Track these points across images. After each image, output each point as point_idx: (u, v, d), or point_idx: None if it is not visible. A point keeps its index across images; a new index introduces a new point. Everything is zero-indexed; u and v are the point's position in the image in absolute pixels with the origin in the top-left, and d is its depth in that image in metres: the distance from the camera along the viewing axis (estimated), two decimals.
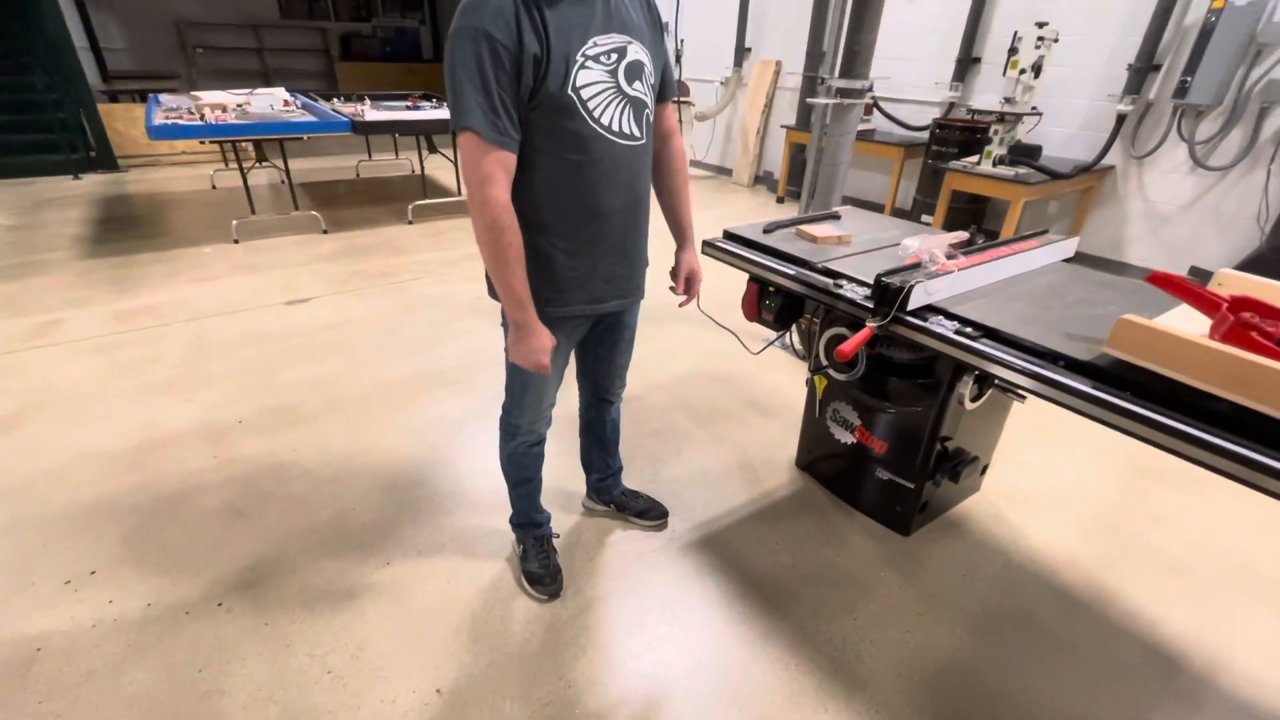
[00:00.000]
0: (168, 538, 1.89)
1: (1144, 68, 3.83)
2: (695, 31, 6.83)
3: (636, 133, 1.25)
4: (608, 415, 1.77)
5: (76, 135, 6.10)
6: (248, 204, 4.75)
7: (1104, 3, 4.00)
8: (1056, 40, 3.61)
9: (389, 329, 3.26)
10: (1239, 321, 1.10)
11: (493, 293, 1.42)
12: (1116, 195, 4.24)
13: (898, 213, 5.37)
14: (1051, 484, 2.24)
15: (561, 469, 2.13)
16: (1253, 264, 3.61)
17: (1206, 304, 1.20)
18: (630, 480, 2.08)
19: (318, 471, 2.19)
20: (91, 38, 8.76)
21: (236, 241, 4.42)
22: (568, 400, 1.72)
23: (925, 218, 4.64)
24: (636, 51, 1.21)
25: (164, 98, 5.26)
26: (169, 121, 4.06)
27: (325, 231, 4.72)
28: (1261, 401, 0.98)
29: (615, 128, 1.21)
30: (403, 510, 2.02)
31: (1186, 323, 1.25)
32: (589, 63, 1.15)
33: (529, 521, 1.74)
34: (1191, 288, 1.22)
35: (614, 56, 1.18)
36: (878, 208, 5.57)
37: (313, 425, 2.45)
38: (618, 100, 1.20)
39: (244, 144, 4.96)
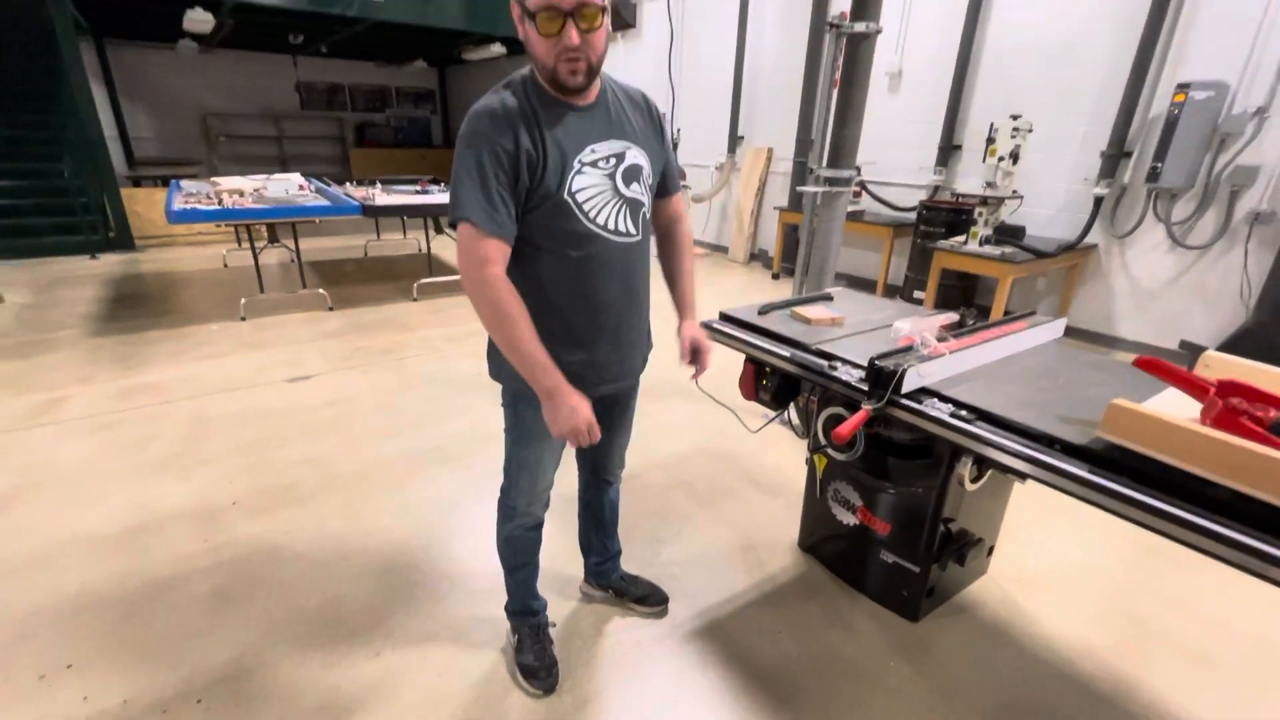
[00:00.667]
0: (150, 627, 1.83)
1: (1116, 154, 4.05)
2: (691, 120, 7.25)
3: (633, 230, 1.32)
4: (606, 496, 1.75)
5: (98, 218, 6.35)
6: (257, 282, 4.88)
7: (1072, 96, 4.27)
8: (1031, 130, 3.83)
9: (389, 405, 3.28)
10: (1228, 407, 1.12)
11: (493, 371, 1.45)
12: (1101, 272, 4.37)
13: (890, 289, 5.51)
14: (1060, 565, 2.19)
15: (559, 551, 2.09)
16: (1241, 339, 3.68)
17: (1195, 388, 1.22)
18: (629, 563, 2.03)
19: (310, 554, 2.14)
20: (121, 127, 9.29)
21: (243, 319, 4.51)
22: (566, 480, 1.71)
23: (917, 294, 4.76)
24: (635, 156, 1.29)
25: (185, 183, 5.51)
26: (188, 206, 4.24)
27: (331, 309, 4.82)
28: (1259, 488, 0.98)
29: (611, 226, 1.28)
30: (395, 596, 1.97)
31: (1177, 406, 1.27)
32: (585, 168, 1.23)
33: (525, 609, 1.69)
34: (1179, 373, 1.24)
35: (612, 161, 1.26)
36: (870, 283, 5.72)
37: (308, 505, 2.42)
38: (614, 201, 1.27)
39: (257, 225, 5.15)
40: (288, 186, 5.25)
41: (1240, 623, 1.94)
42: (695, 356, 1.54)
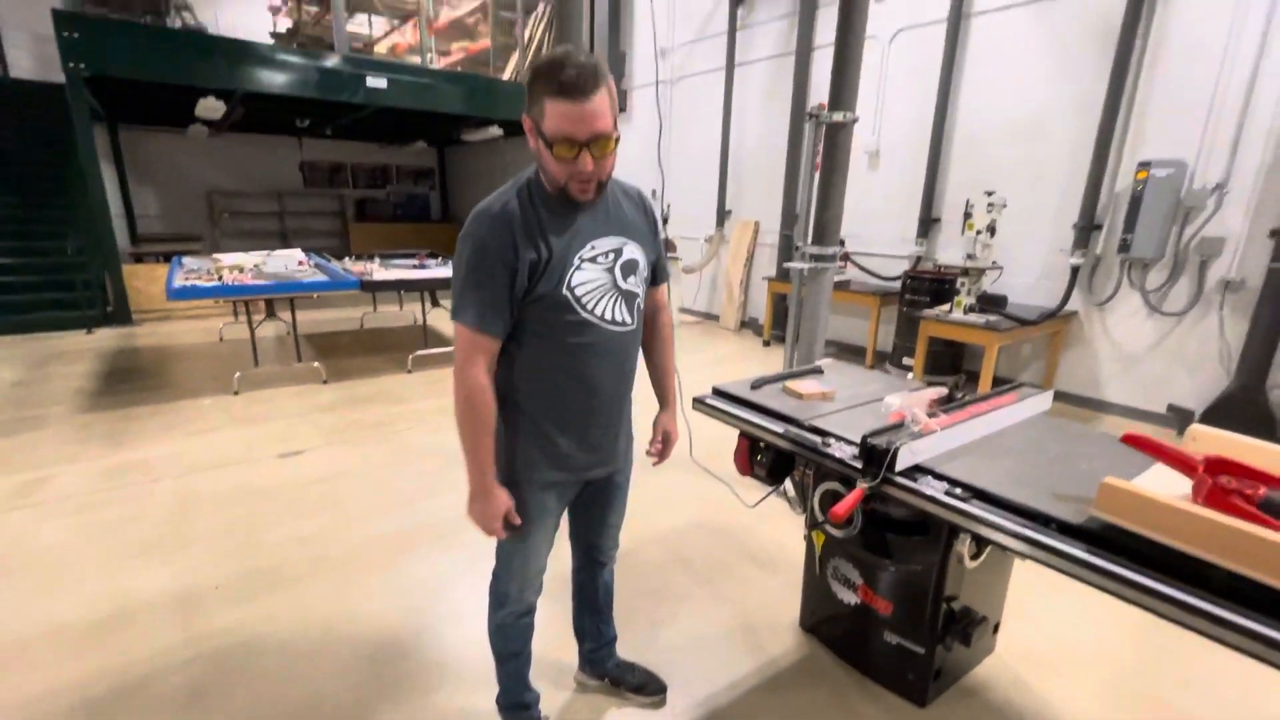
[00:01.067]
0: None
1: (1087, 226, 4.23)
2: (680, 195, 7.54)
3: (628, 319, 1.36)
4: (600, 578, 1.71)
5: (97, 294, 6.43)
6: (252, 356, 4.90)
7: (1041, 173, 4.51)
8: (1005, 205, 4.01)
9: (380, 480, 3.23)
10: (1218, 485, 1.13)
11: None
12: (1084, 338, 4.47)
13: (879, 355, 5.59)
14: (1070, 642, 2.13)
15: (553, 636, 2.01)
16: (1225, 403, 3.74)
17: (1183, 465, 1.24)
18: (625, 647, 1.96)
19: (294, 643, 2.06)
20: (128, 205, 9.56)
21: (236, 393, 4.50)
22: (559, 560, 1.67)
23: (906, 360, 4.83)
24: (633, 250, 1.35)
25: (187, 260, 5.63)
26: (188, 284, 4.32)
27: (325, 382, 4.83)
28: (1253, 569, 0.98)
29: (609, 317, 1.32)
30: (383, 687, 1.88)
31: (1167, 481, 1.29)
32: (584, 264, 1.28)
33: (517, 703, 1.62)
34: (1166, 450, 1.26)
35: (611, 256, 1.32)
36: (860, 349, 5.81)
37: (293, 590, 2.34)
38: (612, 294, 1.32)
39: (255, 300, 5.23)
40: (287, 262, 5.36)
41: (1259, 703, 1.88)
42: (662, 445, 1.64)
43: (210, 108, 6.87)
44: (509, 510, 1.33)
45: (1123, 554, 1.13)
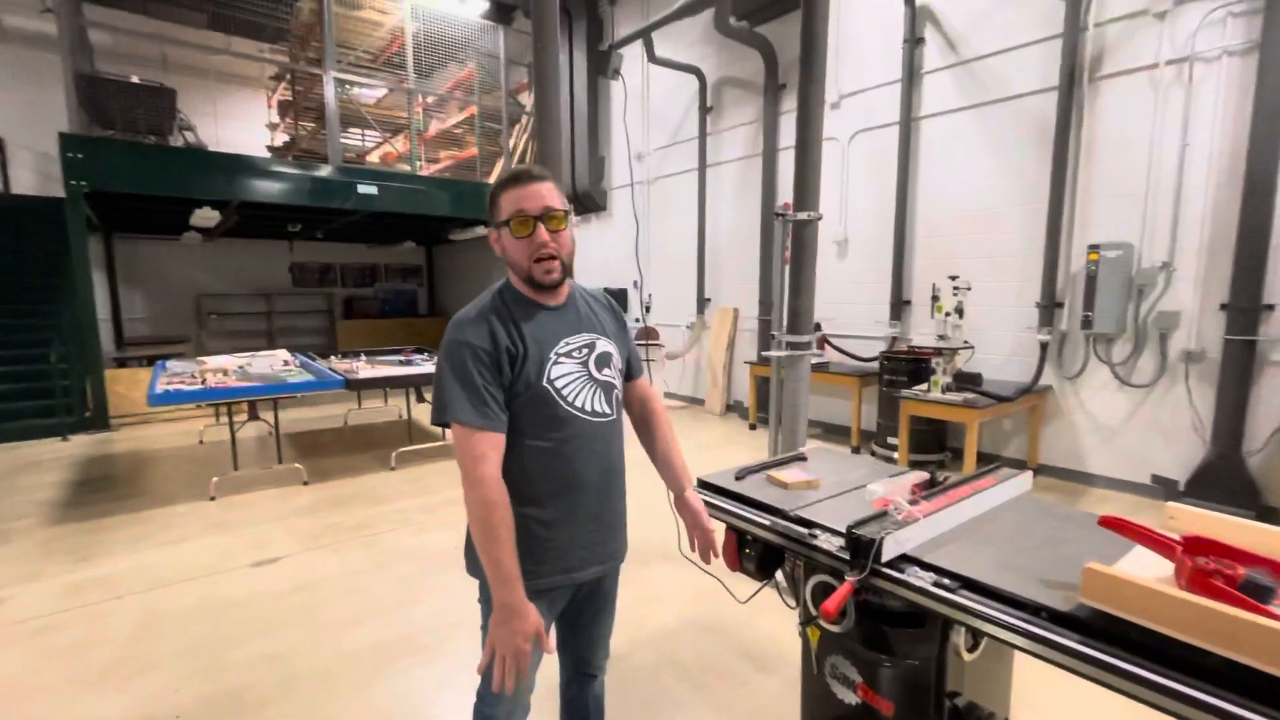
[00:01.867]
0: None
1: (1050, 305, 4.42)
2: (661, 284, 7.81)
3: (607, 410, 1.40)
4: (591, 692, 1.63)
5: (76, 400, 6.35)
6: (232, 459, 4.80)
7: (1001, 257, 4.76)
8: (969, 288, 4.20)
9: (358, 587, 3.10)
10: (1198, 568, 1.14)
11: (470, 569, 1.42)
12: (1061, 411, 4.55)
13: (865, 434, 5.62)
14: None
15: None
16: (1205, 471, 3.78)
17: (1161, 546, 1.25)
18: None
19: None
20: (116, 309, 9.64)
21: (213, 499, 4.38)
22: (546, 674, 1.59)
23: (891, 439, 4.86)
24: (605, 345, 1.43)
25: (170, 363, 5.63)
26: (170, 388, 4.30)
27: (306, 483, 4.72)
28: (1238, 652, 0.97)
29: (589, 408, 1.36)
30: None
31: (1152, 562, 1.29)
32: (561, 359, 1.35)
33: None
34: (1141, 531, 1.28)
35: (585, 350, 1.39)
36: (845, 429, 5.84)
37: (260, 715, 2.18)
38: (590, 385, 1.38)
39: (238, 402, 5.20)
40: (272, 363, 5.39)
41: None
42: (702, 538, 1.58)
43: (206, 217, 7.12)
44: (540, 630, 1.24)
45: (1115, 642, 1.11)
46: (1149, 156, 4.03)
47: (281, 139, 9.11)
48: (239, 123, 10.02)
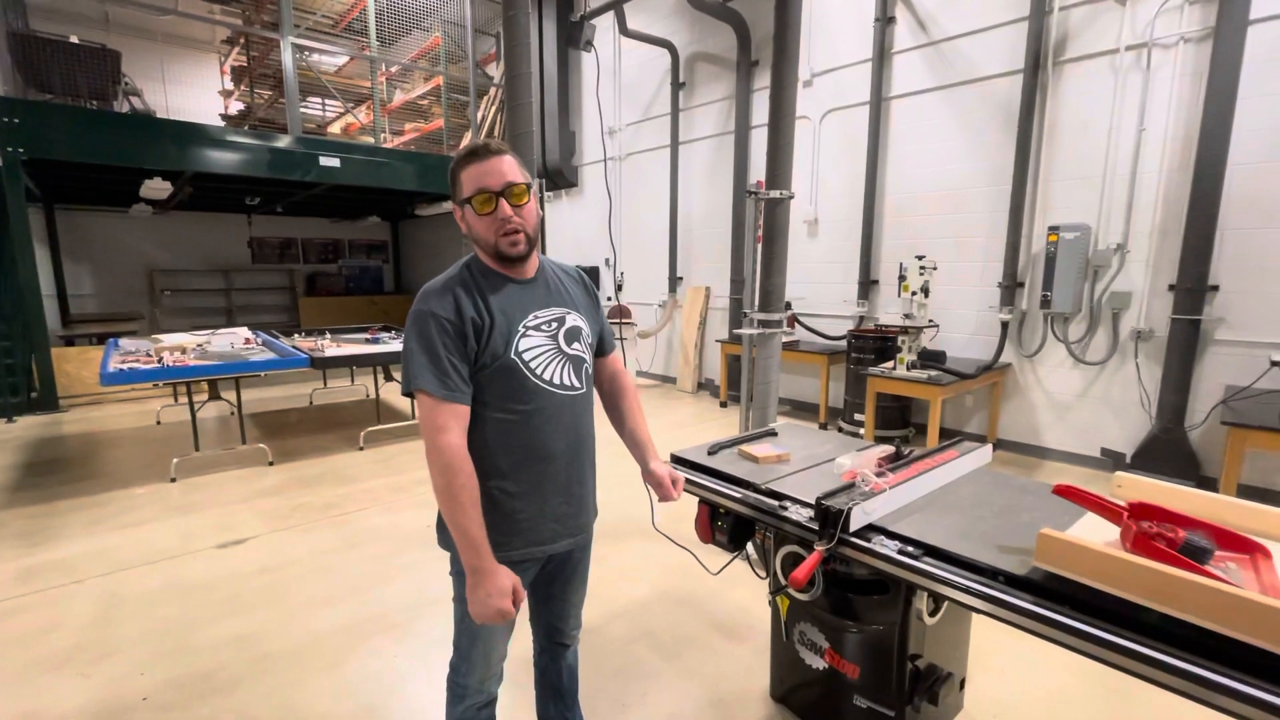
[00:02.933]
0: None
1: (1011, 285, 4.55)
2: (633, 263, 7.77)
3: (576, 384, 1.41)
4: (564, 662, 1.66)
5: (21, 380, 6.07)
6: (193, 440, 4.67)
7: (965, 238, 4.87)
8: (935, 268, 4.29)
9: (328, 568, 3.07)
10: (1141, 531, 1.21)
11: (442, 541, 1.42)
12: (1020, 388, 4.72)
13: (832, 411, 5.74)
14: (1033, 692, 2.15)
15: None
16: (1151, 444, 3.98)
17: (1109, 512, 1.32)
18: None
19: None
20: (60, 285, 9.19)
21: (173, 480, 4.26)
22: (520, 642, 1.62)
23: (858, 416, 4.98)
24: (575, 319, 1.43)
25: (123, 342, 5.41)
26: (124, 367, 4.14)
27: (271, 463, 4.62)
28: (1178, 610, 1.04)
29: (557, 381, 1.37)
30: None
31: (1101, 528, 1.36)
32: (530, 331, 1.36)
33: None
34: (1093, 499, 1.35)
35: (554, 324, 1.40)
36: (814, 407, 5.96)
37: (232, 695, 2.16)
38: (559, 359, 1.39)
39: (198, 381, 5.04)
40: (233, 341, 5.23)
41: None
42: (667, 485, 1.57)
43: (156, 188, 6.80)
44: (515, 585, 1.26)
45: (1065, 602, 1.18)
46: (1107, 140, 4.14)
47: (236, 107, 8.72)
48: (189, 89, 9.54)
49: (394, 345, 5.43)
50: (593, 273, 7.70)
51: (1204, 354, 3.87)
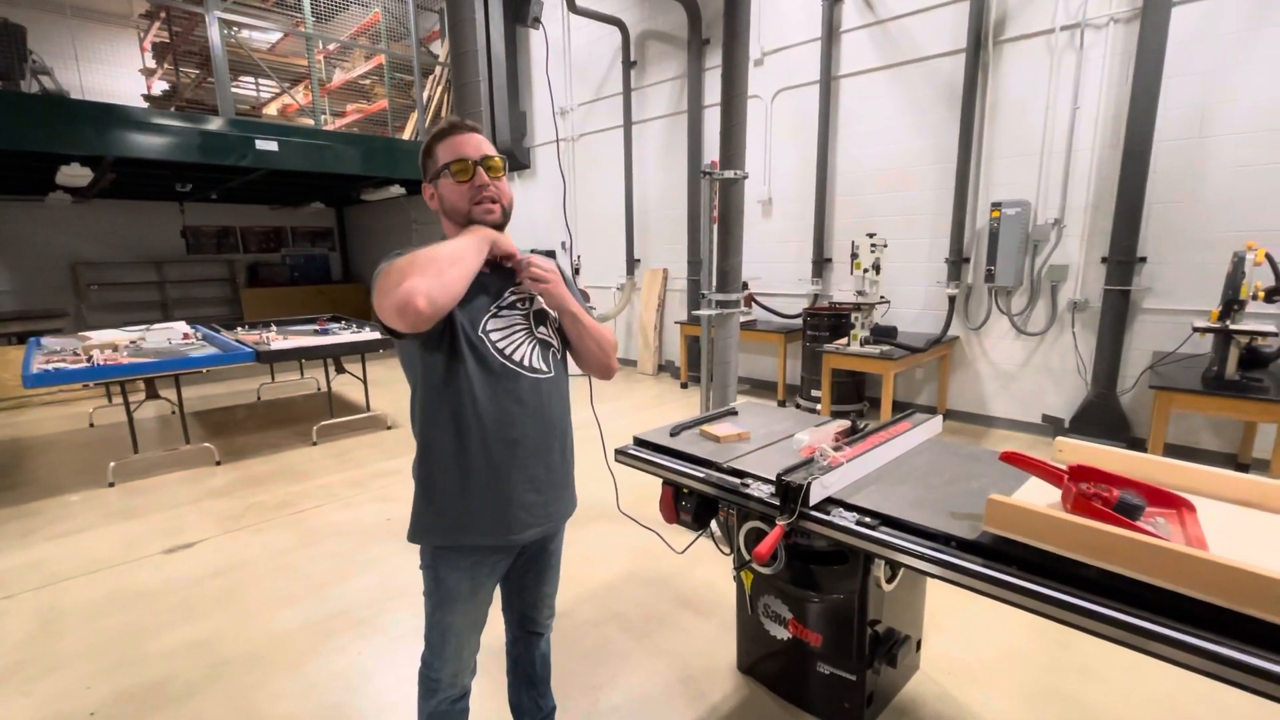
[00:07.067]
0: None
1: (957, 260, 4.71)
2: (590, 246, 7.70)
3: (544, 367, 1.39)
4: (537, 650, 1.66)
5: None
6: (130, 442, 4.43)
7: (914, 215, 5.00)
8: (886, 245, 4.39)
9: (286, 567, 2.98)
10: (1080, 492, 1.28)
11: (411, 535, 1.39)
12: (967, 360, 4.91)
13: (790, 388, 5.86)
14: (986, 650, 2.27)
15: (489, 714, 1.91)
16: (1087, 409, 4.20)
17: (1051, 476, 1.39)
18: (566, 717, 1.89)
19: None
20: None
21: (112, 485, 4.04)
22: (492, 632, 1.61)
23: (814, 392, 5.09)
24: (544, 302, 1.41)
25: (46, 340, 5.07)
26: (49, 368, 3.88)
27: (219, 463, 4.44)
28: (1116, 564, 1.11)
29: (526, 363, 1.36)
30: None
31: (1044, 492, 1.44)
32: (502, 312, 1.35)
33: None
34: (1036, 463, 1.41)
35: (525, 304, 1.39)
36: (772, 385, 6.07)
37: (187, 704, 2.09)
38: (528, 340, 1.37)
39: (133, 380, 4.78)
40: (170, 336, 4.97)
41: (1150, 687, 2.07)
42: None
43: (73, 175, 6.33)
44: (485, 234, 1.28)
45: (1013, 563, 1.24)
46: (1045, 118, 4.30)
47: (160, 87, 8.18)
48: (107, 67, 8.89)
49: (345, 336, 5.26)
50: (549, 257, 7.59)
51: (1134, 322, 4.09)
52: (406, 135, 7.91)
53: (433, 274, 1.15)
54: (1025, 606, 1.18)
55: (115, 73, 8.75)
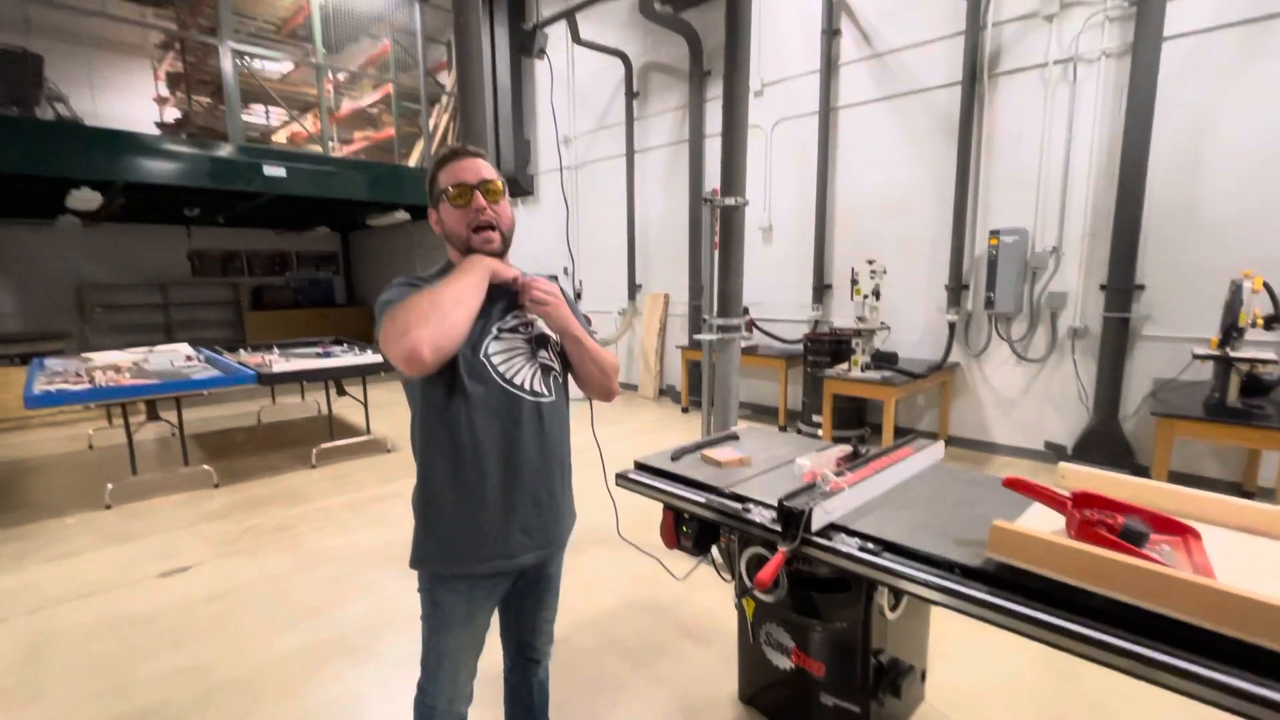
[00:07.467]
0: None
1: (957, 287, 4.74)
2: (592, 271, 7.77)
3: (545, 391, 1.39)
4: (534, 678, 1.63)
5: None
6: (129, 464, 4.41)
7: (913, 242, 5.05)
8: (885, 272, 4.43)
9: (281, 592, 2.95)
10: (1084, 519, 1.27)
11: (412, 561, 1.38)
12: (968, 386, 4.91)
13: (791, 414, 5.85)
14: (992, 680, 2.23)
15: None
16: (1089, 436, 4.19)
17: (1054, 502, 1.38)
18: None
19: None
20: None
21: (109, 507, 4.02)
22: (489, 659, 1.58)
23: (815, 417, 5.08)
24: (544, 326, 1.42)
25: (49, 361, 5.09)
26: (51, 389, 3.89)
27: (217, 485, 4.41)
28: (1121, 592, 1.10)
29: (526, 386, 1.36)
30: None
31: (1047, 519, 1.42)
32: (503, 334, 1.36)
33: None
34: (1039, 489, 1.41)
35: (527, 328, 1.40)
36: (773, 410, 6.06)
37: None
38: (529, 364, 1.38)
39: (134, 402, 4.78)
40: (172, 358, 4.98)
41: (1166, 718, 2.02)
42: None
43: (85, 199, 6.42)
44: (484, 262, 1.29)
45: (1018, 590, 1.22)
46: (1040, 149, 4.37)
47: (173, 114, 8.35)
48: (121, 95, 9.07)
49: (347, 359, 5.27)
50: (551, 280, 7.64)
51: (1134, 349, 4.10)
52: (412, 162, 8.04)
53: (436, 321, 1.15)
54: (1031, 635, 1.16)
55: (129, 100, 8.93)
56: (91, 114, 7.99)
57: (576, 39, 6.86)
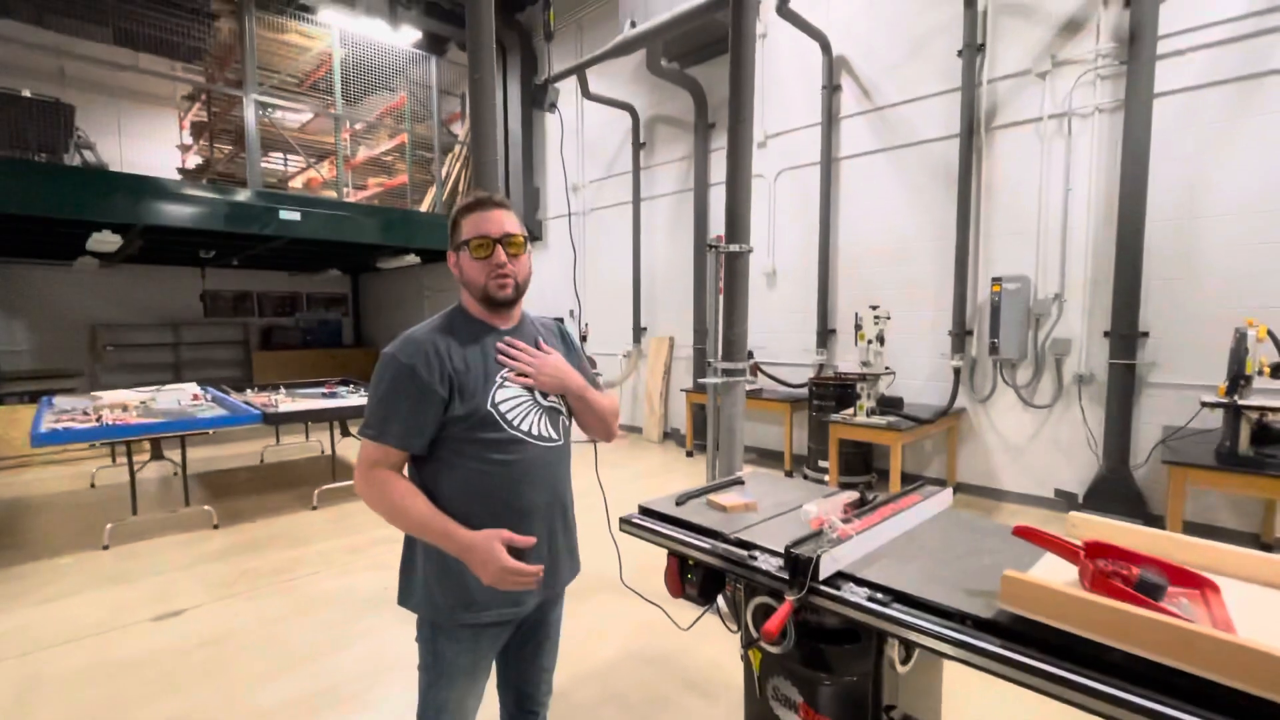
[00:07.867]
0: None
1: (961, 333, 4.76)
2: (598, 314, 7.85)
3: (554, 435, 1.40)
4: None
5: None
6: (130, 503, 4.38)
7: (915, 289, 5.10)
8: (889, 317, 4.46)
9: (277, 639, 2.88)
10: (1098, 570, 1.24)
11: (409, 600, 1.36)
12: (975, 431, 4.87)
13: (796, 459, 5.79)
14: None
15: None
16: (1100, 484, 4.12)
17: (1067, 552, 1.35)
18: None
19: None
20: None
21: (106, 548, 3.97)
22: (487, 711, 1.53)
23: (821, 462, 5.03)
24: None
25: (58, 400, 5.12)
26: (59, 427, 3.90)
27: (216, 526, 4.37)
28: (1137, 647, 1.07)
29: (535, 432, 1.37)
30: None
31: (1059, 570, 1.40)
32: (508, 383, 1.36)
33: None
34: (1050, 539, 1.38)
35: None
36: (778, 454, 6.00)
37: None
38: (535, 410, 1.39)
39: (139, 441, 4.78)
40: (179, 397, 5.01)
41: None
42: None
43: (105, 241, 6.60)
44: (509, 538, 1.26)
45: (1032, 644, 1.19)
46: (1039, 199, 4.45)
47: (195, 161, 8.64)
48: (146, 142, 9.43)
49: (352, 399, 5.29)
50: (558, 322, 7.72)
51: (1141, 396, 4.08)
52: (424, 207, 8.25)
53: (384, 514, 1.29)
54: (1046, 691, 1.12)
55: (153, 147, 9.27)
56: (117, 160, 8.29)
57: (586, 93, 7.13)
